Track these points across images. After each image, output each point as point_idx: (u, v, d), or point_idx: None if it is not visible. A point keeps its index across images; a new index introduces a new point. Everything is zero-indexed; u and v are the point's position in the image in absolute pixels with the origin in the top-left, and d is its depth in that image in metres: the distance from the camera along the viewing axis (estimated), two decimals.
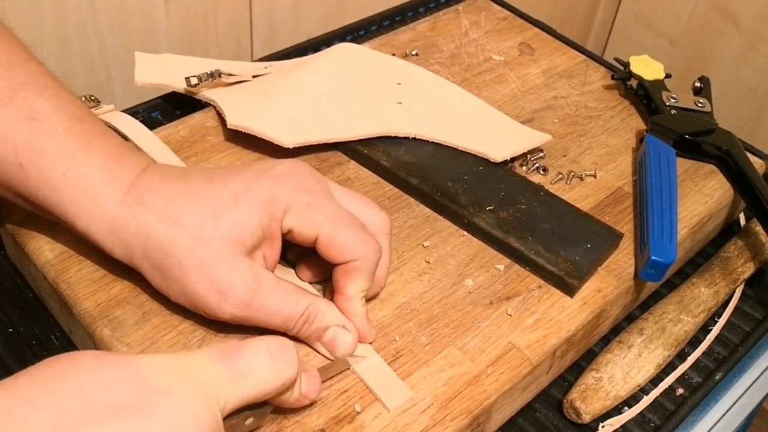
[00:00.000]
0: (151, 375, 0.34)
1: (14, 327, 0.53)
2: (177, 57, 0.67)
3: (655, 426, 0.53)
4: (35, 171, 0.45)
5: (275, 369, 0.39)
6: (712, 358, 0.57)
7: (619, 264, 0.55)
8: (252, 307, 0.45)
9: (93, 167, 0.46)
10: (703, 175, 0.63)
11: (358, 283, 0.47)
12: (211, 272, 0.44)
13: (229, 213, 0.45)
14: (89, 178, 0.46)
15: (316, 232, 0.46)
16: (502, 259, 0.54)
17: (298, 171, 0.48)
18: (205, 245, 0.44)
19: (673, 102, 0.66)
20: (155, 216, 0.45)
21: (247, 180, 0.46)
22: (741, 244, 0.62)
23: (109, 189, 0.46)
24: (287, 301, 0.45)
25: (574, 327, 0.51)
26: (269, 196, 0.46)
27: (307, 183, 0.47)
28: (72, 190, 0.45)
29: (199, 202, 0.45)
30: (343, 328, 0.47)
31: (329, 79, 0.64)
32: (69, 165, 0.46)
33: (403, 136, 0.61)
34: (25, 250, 0.51)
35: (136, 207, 0.45)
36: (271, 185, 0.46)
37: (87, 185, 0.45)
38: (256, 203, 0.45)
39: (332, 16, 0.90)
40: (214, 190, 0.46)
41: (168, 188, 0.46)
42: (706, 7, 1.14)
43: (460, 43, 0.74)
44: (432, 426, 0.44)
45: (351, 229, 0.47)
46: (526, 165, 0.61)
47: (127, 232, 0.45)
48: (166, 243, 0.44)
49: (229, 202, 0.45)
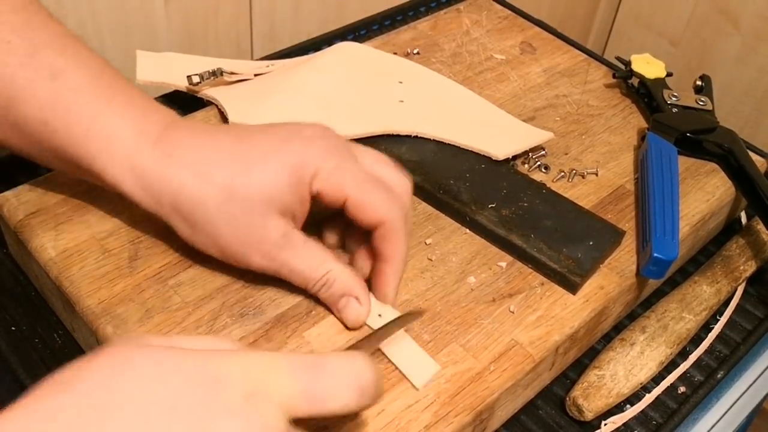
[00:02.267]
0: (218, 389, 0.32)
1: (17, 325, 0.52)
2: (178, 55, 0.67)
3: (657, 424, 0.53)
4: (61, 127, 0.46)
5: (359, 405, 0.36)
6: (714, 357, 0.57)
7: (622, 261, 0.55)
8: (277, 261, 0.46)
9: (117, 120, 0.46)
10: (705, 173, 0.63)
11: (398, 246, 0.48)
12: (242, 227, 0.45)
13: (259, 172, 0.46)
14: (114, 131, 0.46)
15: (344, 194, 0.47)
16: (504, 257, 0.54)
17: (326, 135, 0.48)
18: (237, 201, 0.45)
19: (675, 100, 0.66)
20: (186, 170, 0.46)
21: (276, 141, 0.47)
22: (742, 242, 0.63)
23: (136, 141, 0.46)
24: (309, 263, 0.47)
25: (576, 324, 0.51)
26: (298, 158, 0.46)
27: (335, 146, 0.48)
28: (98, 143, 0.46)
29: (229, 159, 0.46)
30: (356, 299, 0.48)
31: (331, 78, 0.64)
32: (93, 120, 0.46)
33: (405, 135, 0.61)
34: (28, 248, 0.51)
35: (166, 160, 0.46)
36: (301, 147, 0.47)
37: (112, 139, 0.46)
38: (286, 164, 0.46)
39: (332, 15, 0.90)
40: (244, 148, 0.47)
41: (198, 143, 0.47)
42: (706, 7, 1.14)
43: (462, 42, 0.74)
44: (435, 422, 0.44)
45: (377, 190, 0.47)
46: (528, 163, 0.62)
47: (157, 184, 0.46)
48: (197, 197, 0.45)
49: (259, 162, 0.46)
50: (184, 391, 0.31)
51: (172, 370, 0.32)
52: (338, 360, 0.36)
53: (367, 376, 0.36)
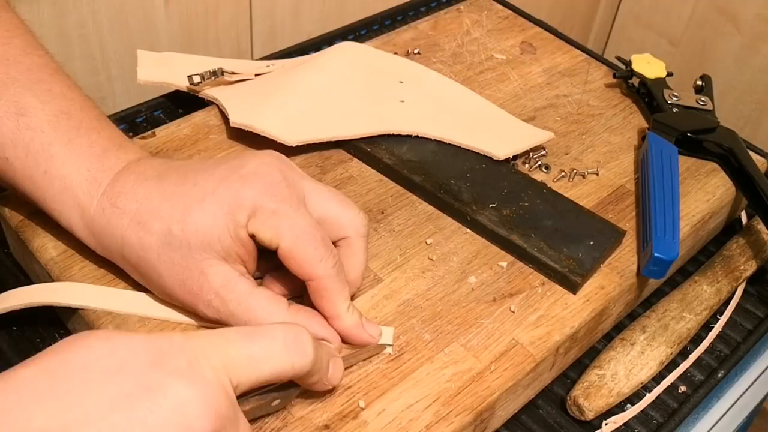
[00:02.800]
0: (162, 357, 0.34)
1: (18, 325, 0.52)
2: (179, 55, 0.67)
3: (658, 423, 0.53)
4: (20, 166, 0.46)
5: (289, 359, 0.39)
6: (714, 356, 0.57)
7: (622, 261, 0.55)
8: (222, 313, 0.44)
9: (72, 166, 0.46)
10: (705, 172, 0.63)
11: (334, 302, 0.46)
12: (182, 275, 0.44)
13: (194, 216, 0.44)
14: (68, 177, 0.46)
15: (277, 241, 0.44)
16: (505, 257, 0.54)
17: (268, 171, 0.46)
18: (174, 249, 0.44)
19: (675, 100, 0.66)
20: (127, 220, 0.45)
21: (215, 180, 0.45)
22: (743, 242, 0.63)
23: (86, 190, 0.46)
24: (255, 315, 0.44)
25: (577, 324, 0.51)
26: (234, 199, 0.44)
27: (276, 187, 0.45)
28: (52, 188, 0.46)
29: (168, 203, 0.45)
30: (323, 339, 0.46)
31: (332, 78, 0.64)
32: (50, 162, 0.46)
33: (406, 134, 0.61)
34: (29, 248, 0.51)
35: (111, 210, 0.45)
36: (238, 187, 0.45)
37: (66, 185, 0.46)
38: (222, 206, 0.44)
39: (332, 15, 0.90)
40: (184, 191, 0.45)
41: (141, 190, 0.46)
42: (706, 7, 1.14)
43: (462, 41, 0.74)
44: (436, 422, 0.44)
45: (312, 244, 0.44)
46: (528, 163, 0.62)
47: (104, 234, 0.46)
48: (138, 247, 0.45)
49: (196, 204, 0.44)
50: (131, 358, 0.34)
51: (121, 343, 0.35)
52: (273, 327, 0.39)
53: (303, 338, 0.39)
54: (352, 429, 0.44)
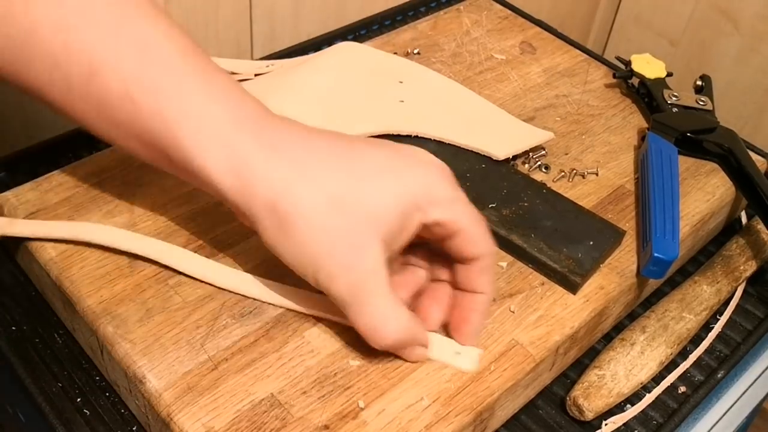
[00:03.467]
0: None
1: (17, 325, 0.52)
2: None
3: (658, 424, 0.53)
4: (148, 105, 0.41)
5: None
6: (714, 356, 0.57)
7: (622, 261, 0.55)
8: (355, 297, 0.42)
9: (213, 103, 0.42)
10: (705, 173, 0.63)
11: (492, 281, 0.47)
12: (337, 245, 0.41)
13: (373, 186, 0.42)
14: (212, 114, 0.42)
15: (460, 227, 0.44)
16: (504, 257, 0.54)
17: (435, 161, 0.46)
18: (343, 215, 0.41)
19: (675, 100, 0.66)
20: (293, 168, 0.41)
21: (390, 158, 0.44)
22: (743, 242, 0.63)
23: (236, 126, 0.42)
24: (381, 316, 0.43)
25: (576, 324, 0.51)
26: (416, 182, 0.43)
27: (450, 177, 0.45)
28: (191, 126, 0.41)
29: (339, 163, 0.42)
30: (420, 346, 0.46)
31: (331, 78, 0.64)
32: (187, 100, 0.42)
33: (405, 135, 0.61)
34: (28, 248, 0.51)
35: (270, 152, 0.41)
36: (418, 171, 0.44)
37: (208, 120, 0.41)
38: (402, 186, 0.43)
39: (332, 16, 0.90)
40: (355, 156, 0.43)
41: (307, 140, 0.43)
42: (706, 7, 1.14)
43: (462, 42, 0.74)
44: (435, 422, 0.44)
45: (483, 226, 0.46)
46: (528, 163, 0.62)
47: (256, 177, 0.41)
48: (301, 201, 0.41)
49: (374, 175, 0.42)
50: None
51: None
52: None
53: None
54: (351, 429, 0.44)
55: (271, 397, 0.44)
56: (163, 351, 0.46)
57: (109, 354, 0.46)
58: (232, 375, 0.45)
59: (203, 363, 0.45)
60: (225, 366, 0.45)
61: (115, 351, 0.46)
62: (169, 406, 0.43)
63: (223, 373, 0.45)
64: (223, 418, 0.43)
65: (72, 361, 0.51)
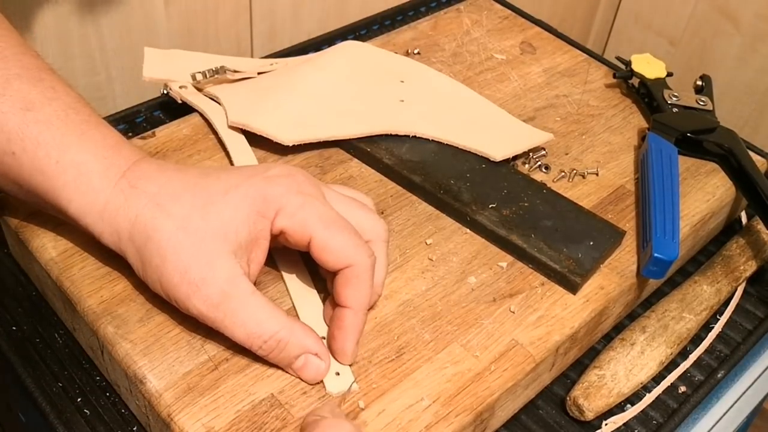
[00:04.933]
0: None
1: (18, 325, 0.52)
2: (185, 53, 0.67)
3: (658, 424, 0.53)
4: (28, 159, 0.45)
5: None
6: (714, 356, 0.57)
7: (622, 261, 0.55)
8: (219, 310, 0.43)
9: (88, 154, 0.46)
10: (705, 173, 0.63)
11: (360, 293, 0.46)
12: (187, 262, 0.43)
13: (217, 206, 0.45)
14: (83, 164, 0.46)
15: (309, 234, 0.45)
16: (504, 257, 0.54)
17: (292, 174, 0.47)
18: (187, 234, 0.44)
19: (675, 100, 0.66)
20: (146, 200, 0.45)
21: (240, 177, 0.47)
22: (743, 242, 0.63)
23: (103, 174, 0.46)
24: (255, 317, 0.44)
25: (576, 324, 0.51)
26: (260, 194, 0.45)
27: (300, 185, 0.47)
28: (65, 175, 0.45)
29: (190, 192, 0.46)
30: (315, 355, 0.45)
31: (332, 77, 0.64)
32: (63, 152, 0.45)
33: (404, 135, 0.61)
34: (29, 248, 0.51)
35: (129, 191, 0.45)
36: (264, 184, 0.46)
37: (81, 171, 0.45)
38: (246, 199, 0.45)
39: (332, 16, 0.90)
40: (207, 183, 0.46)
41: (163, 176, 0.46)
42: (706, 7, 1.14)
43: (462, 42, 0.74)
44: (435, 422, 0.44)
45: (344, 232, 0.46)
46: (528, 163, 0.62)
47: (117, 215, 0.45)
48: (151, 227, 0.44)
49: (219, 195, 0.45)
50: None
51: None
52: None
53: None
54: None
55: (271, 398, 0.44)
56: (163, 351, 0.46)
57: (109, 354, 0.46)
58: (233, 375, 0.45)
59: (203, 363, 0.45)
60: (225, 366, 0.46)
61: (115, 351, 0.46)
62: (170, 406, 0.43)
63: (223, 374, 0.45)
64: (224, 419, 0.43)
65: (72, 361, 0.51)
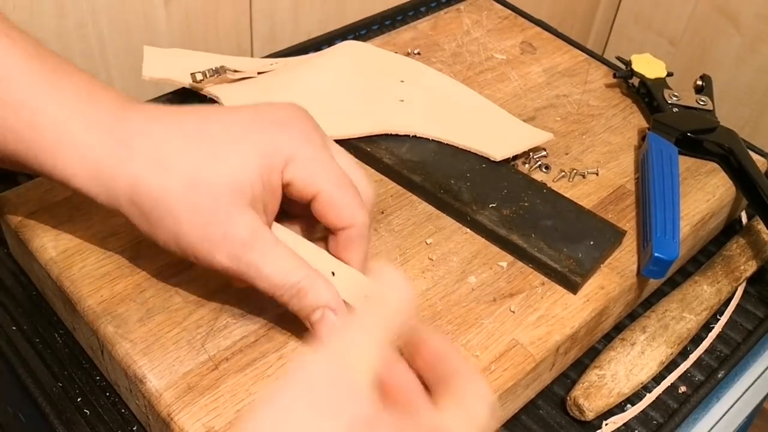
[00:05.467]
0: None
1: (17, 325, 0.52)
2: (185, 52, 0.67)
3: (658, 424, 0.53)
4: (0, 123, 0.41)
5: None
6: (715, 356, 0.57)
7: (622, 261, 0.55)
8: (243, 262, 0.42)
9: (63, 112, 0.42)
10: (705, 173, 0.63)
11: (362, 254, 0.45)
12: (206, 221, 0.41)
13: (227, 157, 0.42)
14: (62, 124, 0.41)
15: (316, 189, 0.43)
16: (505, 257, 0.54)
17: (301, 119, 0.44)
18: (201, 191, 0.41)
19: (675, 100, 0.66)
20: (143, 159, 0.41)
21: (246, 123, 0.43)
22: (743, 242, 0.63)
23: (86, 134, 0.42)
24: (280, 267, 0.42)
25: (577, 324, 0.51)
26: (271, 142, 0.42)
27: (311, 135, 0.44)
28: (43, 139, 0.41)
29: (193, 143, 0.42)
30: (332, 311, 0.43)
31: (332, 77, 0.64)
32: (35, 112, 0.41)
33: (404, 135, 0.61)
34: (29, 248, 0.51)
35: (121, 151, 0.41)
36: (274, 132, 0.43)
37: (60, 133, 0.41)
38: (257, 149, 0.42)
39: (332, 16, 0.90)
40: (210, 130, 0.43)
41: (156, 128, 0.42)
42: (706, 7, 1.14)
43: (462, 42, 0.74)
44: None
45: (351, 190, 0.44)
46: (528, 163, 0.62)
47: (113, 178, 0.42)
48: (156, 188, 0.41)
49: (226, 144, 0.42)
50: None
51: None
52: None
53: None
54: None
55: None
56: (163, 351, 0.46)
57: (109, 354, 0.46)
58: (233, 375, 0.45)
59: (204, 363, 0.45)
60: (225, 366, 0.45)
61: (115, 351, 0.46)
62: (170, 405, 0.43)
63: (223, 373, 0.45)
64: (224, 418, 0.43)
65: (72, 360, 0.51)
